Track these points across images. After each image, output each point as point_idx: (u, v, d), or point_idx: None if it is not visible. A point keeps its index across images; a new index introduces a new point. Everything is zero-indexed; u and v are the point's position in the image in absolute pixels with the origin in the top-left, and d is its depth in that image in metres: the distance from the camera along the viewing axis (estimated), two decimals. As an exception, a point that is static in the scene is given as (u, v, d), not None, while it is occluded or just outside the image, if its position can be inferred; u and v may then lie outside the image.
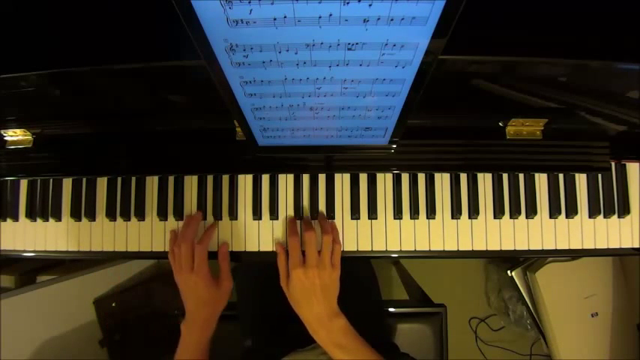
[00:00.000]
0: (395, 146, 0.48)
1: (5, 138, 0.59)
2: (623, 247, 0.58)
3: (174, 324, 0.69)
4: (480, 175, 0.58)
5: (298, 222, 0.59)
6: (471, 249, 0.58)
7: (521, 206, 0.58)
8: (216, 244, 0.59)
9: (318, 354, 0.57)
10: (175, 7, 0.25)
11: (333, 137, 0.47)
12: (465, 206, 0.58)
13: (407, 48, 0.30)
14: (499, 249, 0.58)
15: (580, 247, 0.58)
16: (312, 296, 0.51)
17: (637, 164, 0.59)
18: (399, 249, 0.58)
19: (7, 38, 0.45)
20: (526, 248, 0.58)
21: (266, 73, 0.33)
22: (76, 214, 0.61)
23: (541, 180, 0.59)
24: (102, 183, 0.61)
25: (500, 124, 0.56)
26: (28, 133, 0.58)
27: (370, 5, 0.25)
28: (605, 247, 0.58)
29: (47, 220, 0.61)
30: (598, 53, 0.41)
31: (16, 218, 0.62)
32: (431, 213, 0.58)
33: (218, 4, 0.25)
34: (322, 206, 0.59)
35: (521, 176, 0.58)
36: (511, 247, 0.58)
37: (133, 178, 0.61)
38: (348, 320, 0.52)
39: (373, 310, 0.72)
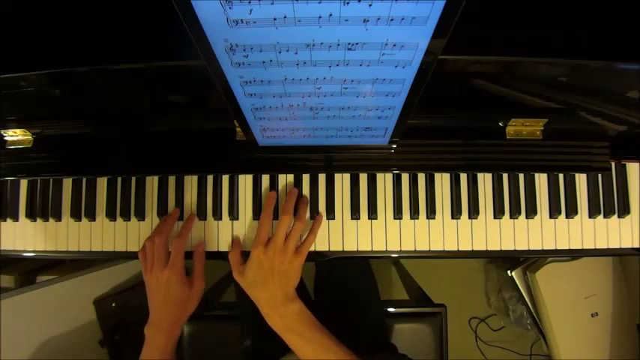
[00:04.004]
0: (395, 146, 0.48)
1: (5, 138, 0.59)
2: (623, 247, 0.58)
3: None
4: (480, 175, 0.58)
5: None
6: (471, 249, 0.58)
7: (521, 206, 0.58)
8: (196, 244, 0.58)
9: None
10: (175, 7, 0.25)
11: (333, 137, 0.47)
12: (464, 206, 0.58)
13: (407, 48, 0.30)
14: (499, 249, 0.58)
15: (580, 247, 0.58)
16: (268, 278, 0.50)
17: (637, 164, 0.59)
18: (399, 249, 0.58)
19: (7, 38, 0.45)
20: (526, 248, 0.58)
21: (266, 73, 0.33)
22: (76, 214, 0.61)
23: (541, 180, 0.59)
24: (102, 183, 0.61)
25: (500, 124, 0.56)
26: (28, 133, 0.58)
27: (370, 5, 0.25)
28: (605, 247, 0.58)
29: (47, 220, 0.61)
30: (598, 53, 0.41)
31: (16, 218, 0.62)
32: (431, 213, 0.58)
33: (218, 4, 0.25)
34: (322, 206, 0.59)
35: (521, 176, 0.58)
36: (511, 247, 0.58)
37: (133, 178, 0.60)
38: (345, 330, 0.50)
39: (373, 313, 0.72)
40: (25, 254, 0.62)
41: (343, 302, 0.52)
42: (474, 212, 0.58)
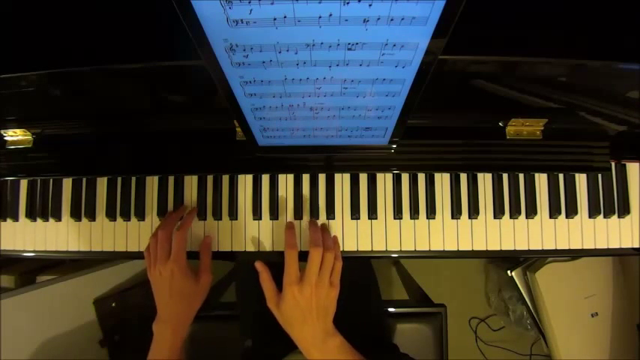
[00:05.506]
0: (395, 146, 0.48)
1: (5, 138, 0.59)
2: (623, 247, 0.58)
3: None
4: (480, 175, 0.58)
5: (300, 222, 0.57)
6: (471, 249, 0.58)
7: (521, 206, 0.58)
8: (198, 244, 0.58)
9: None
10: (175, 7, 0.25)
11: (333, 137, 0.47)
12: (464, 206, 0.58)
13: (407, 48, 0.30)
14: (499, 249, 0.58)
15: (580, 247, 0.58)
16: (307, 316, 0.48)
17: (637, 164, 0.59)
18: (399, 249, 0.58)
19: (7, 38, 0.45)
20: (526, 248, 0.58)
21: (266, 73, 0.33)
22: (76, 214, 0.61)
23: (541, 180, 0.59)
24: (102, 183, 0.61)
25: (500, 124, 0.56)
26: (28, 133, 0.58)
27: (370, 5, 0.25)
28: (605, 247, 0.58)
29: (47, 220, 0.61)
30: (598, 53, 0.41)
31: (16, 218, 0.62)
32: (431, 213, 0.58)
33: (218, 4, 0.25)
34: (322, 206, 0.59)
35: (521, 176, 0.58)
36: (511, 247, 0.58)
37: (133, 178, 0.61)
38: (345, 330, 0.49)
39: (373, 313, 0.72)
40: (25, 254, 0.62)
41: (342, 292, 0.51)
42: (474, 212, 0.58)
